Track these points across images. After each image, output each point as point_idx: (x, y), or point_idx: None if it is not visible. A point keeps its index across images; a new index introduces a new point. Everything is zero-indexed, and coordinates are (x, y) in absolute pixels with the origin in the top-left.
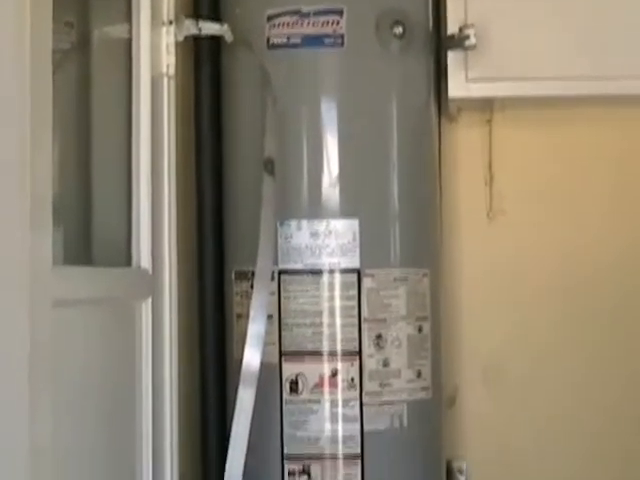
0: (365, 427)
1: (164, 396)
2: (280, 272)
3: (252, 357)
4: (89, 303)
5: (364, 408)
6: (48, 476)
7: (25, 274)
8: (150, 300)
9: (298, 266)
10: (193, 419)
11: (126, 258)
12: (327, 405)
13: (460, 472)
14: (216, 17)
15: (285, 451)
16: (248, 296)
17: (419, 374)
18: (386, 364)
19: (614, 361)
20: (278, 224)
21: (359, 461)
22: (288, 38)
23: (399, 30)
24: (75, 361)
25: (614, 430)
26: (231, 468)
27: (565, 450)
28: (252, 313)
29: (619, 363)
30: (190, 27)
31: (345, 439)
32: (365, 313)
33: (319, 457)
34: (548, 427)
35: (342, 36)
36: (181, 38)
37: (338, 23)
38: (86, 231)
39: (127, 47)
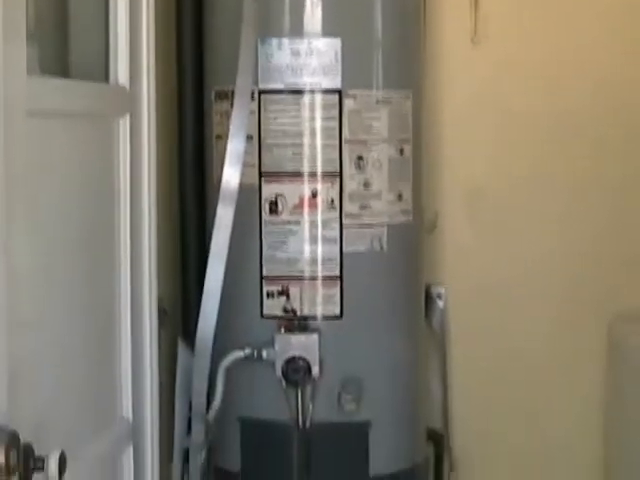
0: (345, 249)
1: (142, 216)
2: (260, 92)
3: (231, 175)
4: (65, 116)
5: (344, 230)
6: (25, 298)
7: None
8: (128, 117)
9: (279, 86)
10: (172, 240)
11: (104, 75)
12: (307, 226)
13: (439, 297)
14: None
15: (264, 272)
16: (228, 116)
17: (400, 197)
18: (367, 186)
19: (596, 190)
20: (259, 42)
21: (338, 282)
22: None
23: None
24: (51, 176)
25: (588, 253)
26: (209, 285)
27: (541, 273)
28: (231, 131)
29: (602, 193)
30: None
31: (324, 260)
32: (346, 134)
33: (298, 278)
34: (526, 253)
35: None
36: None
37: None
38: (63, 46)
39: None
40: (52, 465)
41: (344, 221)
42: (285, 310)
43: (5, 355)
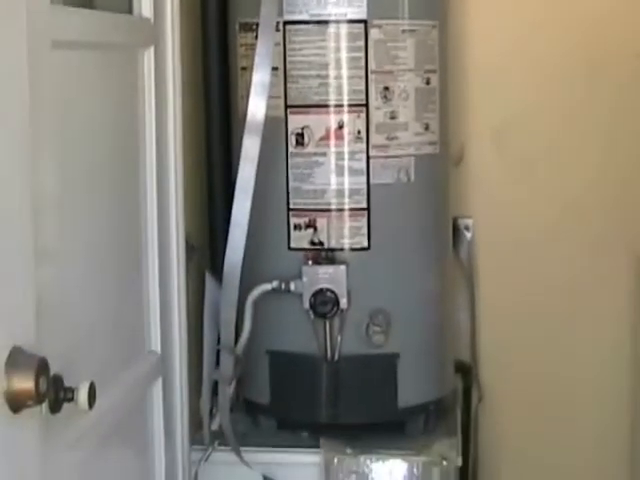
0: (371, 180)
1: (168, 150)
2: (285, 23)
3: (257, 106)
4: (90, 47)
5: (371, 161)
6: (51, 229)
7: (22, 13)
8: (152, 49)
9: (303, 17)
10: (198, 174)
11: (127, 7)
12: (333, 158)
13: (466, 229)
14: None
15: (291, 205)
16: (253, 48)
17: (427, 128)
18: (393, 117)
19: (625, 122)
20: None
21: (365, 214)
22: None
23: None
24: (76, 107)
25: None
26: (236, 217)
27: (568, 203)
28: (257, 62)
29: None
30: None
31: (351, 192)
32: (372, 65)
33: (325, 210)
34: (553, 185)
35: None
36: None
37: None
38: None
39: None
40: (82, 396)
41: (371, 152)
42: (312, 242)
43: (32, 285)
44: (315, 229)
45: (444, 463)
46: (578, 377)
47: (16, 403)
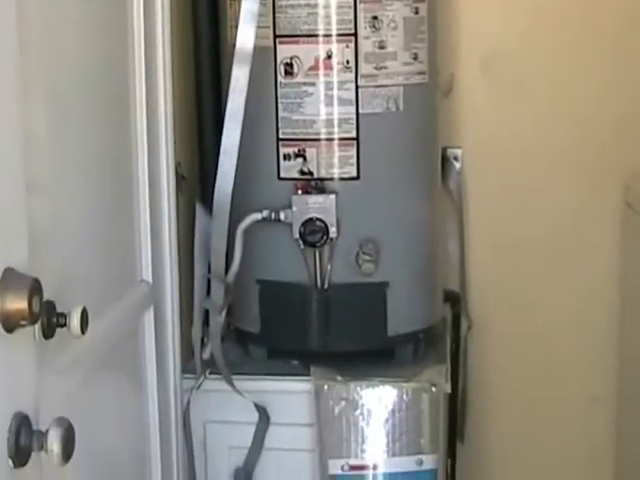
0: (360, 110)
1: (157, 80)
2: None
3: (246, 34)
4: None
5: (359, 91)
6: (44, 154)
7: None
8: None
9: None
10: (188, 104)
11: None
12: (322, 87)
13: (455, 159)
14: None
15: (280, 135)
16: None
17: (415, 57)
18: (382, 46)
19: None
20: None
21: (355, 144)
22: None
23: None
24: (66, 40)
25: (604, 112)
26: (226, 146)
27: (559, 135)
28: None
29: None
30: None
31: (340, 122)
32: None
33: (314, 140)
34: (544, 115)
35: None
36: None
37: None
38: None
39: None
40: (75, 321)
41: (359, 82)
42: (302, 172)
43: (24, 208)
44: (304, 159)
45: (433, 389)
46: (566, 307)
47: (10, 323)
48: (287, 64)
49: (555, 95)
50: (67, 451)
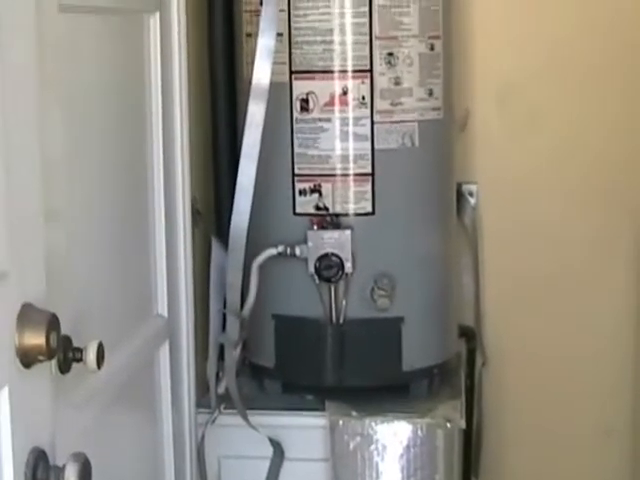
0: (376, 146)
1: (174, 115)
2: None
3: (262, 70)
4: (96, 11)
5: (375, 127)
6: (61, 186)
7: None
8: (158, 14)
9: None
10: (204, 140)
11: None
12: (338, 123)
13: (470, 195)
14: None
15: (296, 170)
16: (257, 14)
17: (431, 93)
18: (397, 82)
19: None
20: None
21: (370, 179)
22: None
23: None
24: (83, 70)
25: (617, 147)
26: (242, 182)
27: (572, 170)
28: (262, 27)
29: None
30: None
31: (356, 158)
32: (376, 31)
33: (330, 175)
34: (558, 150)
35: None
36: None
37: None
38: None
39: None
40: (91, 356)
41: (375, 118)
42: (317, 207)
43: (42, 243)
44: (320, 194)
45: (448, 425)
46: (581, 342)
47: (27, 358)
48: (303, 100)
49: (569, 130)
50: None
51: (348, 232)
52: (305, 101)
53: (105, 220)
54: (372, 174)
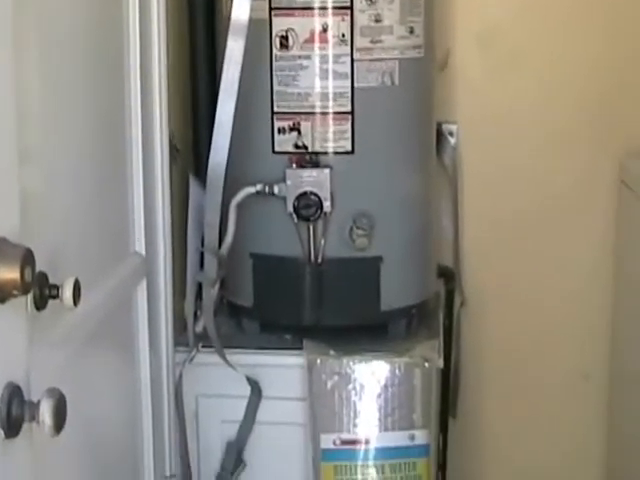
0: (356, 84)
1: (152, 49)
2: None
3: (241, 6)
4: None
5: (355, 64)
6: (37, 123)
7: None
8: None
9: None
10: (183, 77)
11: None
12: (317, 61)
13: (450, 134)
14: None
15: (275, 108)
16: None
17: (411, 31)
18: (378, 20)
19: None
20: None
21: (350, 117)
22: None
23: None
24: (59, 5)
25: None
26: (220, 119)
27: (554, 110)
28: None
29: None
30: None
31: (336, 96)
32: None
33: (309, 113)
34: (539, 90)
35: None
36: None
37: None
38: None
39: None
40: (67, 292)
41: (355, 56)
42: (296, 146)
43: (16, 180)
44: (299, 132)
45: (426, 365)
46: (560, 284)
47: (2, 293)
48: (282, 37)
49: (550, 69)
50: (59, 422)
51: (327, 171)
52: (284, 38)
53: (82, 156)
54: (352, 112)
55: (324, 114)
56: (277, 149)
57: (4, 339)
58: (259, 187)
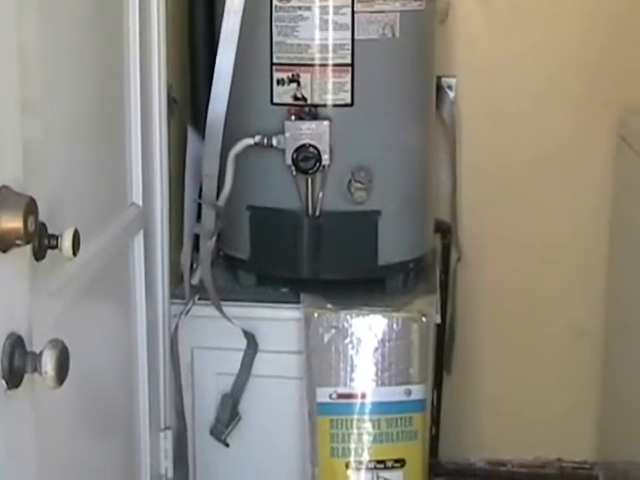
0: (356, 36)
1: (150, 2)
2: None
3: None
4: None
5: (355, 16)
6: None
7: None
8: None
9: None
10: (181, 26)
11: None
12: (317, 12)
13: (449, 88)
14: None
15: (274, 59)
16: None
17: None
18: None
19: None
20: None
21: (349, 69)
22: None
23: None
24: None
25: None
26: (220, 69)
27: (553, 65)
28: None
29: None
30: None
31: (335, 47)
32: None
33: (309, 65)
34: (538, 45)
35: None
36: None
37: None
38: None
39: None
40: (66, 243)
41: (356, 7)
42: (295, 98)
43: (19, 130)
44: (298, 84)
45: (423, 319)
46: (556, 240)
47: (5, 242)
48: None
49: (549, 23)
50: (61, 373)
51: (326, 123)
52: None
53: (80, 107)
54: (352, 64)
55: (324, 66)
56: (276, 100)
57: (6, 289)
58: (257, 139)
